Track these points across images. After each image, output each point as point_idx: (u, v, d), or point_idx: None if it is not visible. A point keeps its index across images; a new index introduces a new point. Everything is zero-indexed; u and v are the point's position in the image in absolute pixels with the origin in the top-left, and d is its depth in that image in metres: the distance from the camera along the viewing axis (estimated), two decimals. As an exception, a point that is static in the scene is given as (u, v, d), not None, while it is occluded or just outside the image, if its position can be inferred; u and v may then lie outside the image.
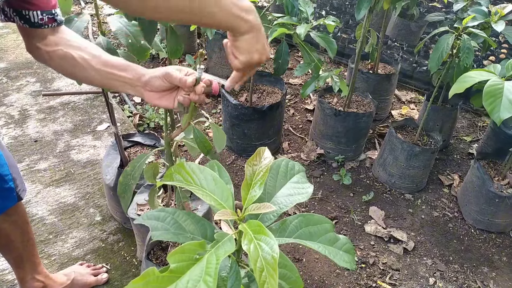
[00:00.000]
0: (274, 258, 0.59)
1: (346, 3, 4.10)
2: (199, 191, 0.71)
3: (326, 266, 1.84)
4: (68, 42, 0.93)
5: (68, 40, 0.93)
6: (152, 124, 2.60)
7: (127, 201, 0.94)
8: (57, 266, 1.71)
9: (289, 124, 2.74)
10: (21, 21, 0.88)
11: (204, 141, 0.90)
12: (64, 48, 0.92)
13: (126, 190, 0.92)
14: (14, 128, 2.43)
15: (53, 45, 0.92)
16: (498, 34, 3.47)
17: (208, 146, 0.91)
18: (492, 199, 1.97)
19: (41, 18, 0.89)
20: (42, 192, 2.03)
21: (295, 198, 0.78)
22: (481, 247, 2.02)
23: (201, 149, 0.91)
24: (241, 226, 0.67)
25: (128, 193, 0.92)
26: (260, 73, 2.51)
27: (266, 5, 3.38)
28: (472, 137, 2.76)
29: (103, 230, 1.88)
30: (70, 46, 0.92)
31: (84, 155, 2.29)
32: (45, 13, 0.89)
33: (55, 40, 0.92)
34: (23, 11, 0.87)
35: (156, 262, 1.34)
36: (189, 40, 3.33)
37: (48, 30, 0.91)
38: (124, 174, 0.92)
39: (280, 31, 1.76)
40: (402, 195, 2.27)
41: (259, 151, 0.76)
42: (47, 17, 0.89)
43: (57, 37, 0.93)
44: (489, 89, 1.37)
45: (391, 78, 2.68)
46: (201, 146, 0.91)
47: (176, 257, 0.60)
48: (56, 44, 0.92)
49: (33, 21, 0.89)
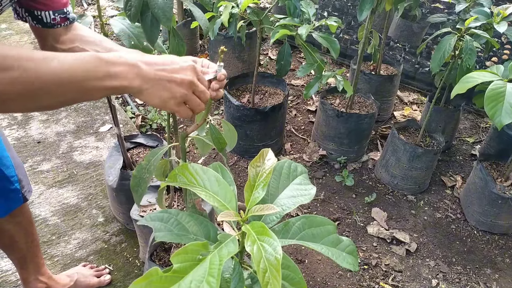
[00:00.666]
0: (277, 259, 0.59)
1: (348, 4, 4.10)
2: (202, 192, 0.71)
3: (328, 268, 1.84)
4: (84, 38, 0.93)
5: (84, 36, 0.93)
6: (154, 125, 2.60)
7: (141, 195, 0.94)
8: (60, 267, 1.71)
9: (291, 125, 2.74)
10: (34, 21, 0.88)
11: (219, 137, 0.91)
12: (80, 44, 0.91)
13: (140, 184, 0.92)
14: (17, 129, 2.44)
15: (69, 43, 0.91)
16: (501, 35, 3.47)
17: (223, 143, 0.91)
18: (495, 200, 1.97)
19: (54, 18, 0.89)
20: (45, 193, 2.04)
21: (298, 199, 0.78)
22: (484, 248, 2.01)
23: (216, 146, 0.91)
24: (244, 227, 0.67)
25: (142, 187, 0.92)
26: (262, 74, 2.51)
27: (268, 6, 3.38)
28: (475, 138, 2.76)
29: (106, 231, 1.88)
30: (86, 42, 0.92)
31: (87, 156, 2.30)
32: (57, 13, 0.89)
33: (70, 37, 0.92)
34: (35, 11, 0.87)
35: (159, 263, 1.34)
36: (191, 41, 3.33)
37: (61, 29, 0.91)
38: (139, 168, 0.92)
39: (282, 32, 1.76)
40: (405, 196, 2.26)
41: (262, 153, 0.76)
42: (59, 16, 0.89)
43: (72, 35, 0.92)
44: (491, 93, 1.36)
45: (394, 79, 2.68)
46: (216, 142, 0.91)
47: (179, 258, 0.60)
48: (72, 42, 0.91)
49: (46, 22, 0.88)
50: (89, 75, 0.62)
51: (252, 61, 3.07)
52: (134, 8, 1.06)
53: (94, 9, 4.07)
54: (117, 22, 1.25)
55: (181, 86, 0.71)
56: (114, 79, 0.64)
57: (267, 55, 3.53)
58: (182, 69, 0.71)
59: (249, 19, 1.99)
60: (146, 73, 0.67)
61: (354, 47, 3.39)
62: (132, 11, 1.07)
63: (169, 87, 0.69)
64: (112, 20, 1.26)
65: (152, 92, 0.68)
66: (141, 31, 1.21)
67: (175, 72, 0.70)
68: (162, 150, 0.92)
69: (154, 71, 0.68)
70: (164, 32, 3.28)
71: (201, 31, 3.43)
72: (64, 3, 0.90)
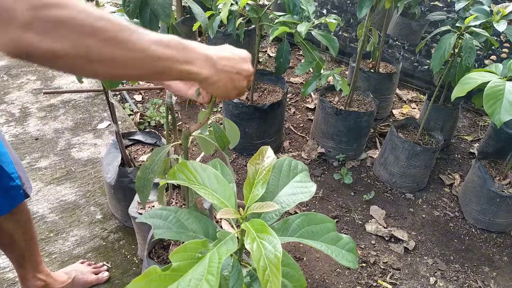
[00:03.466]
0: (277, 257, 0.59)
1: (347, 2, 4.09)
2: (201, 189, 0.71)
3: (326, 265, 1.84)
4: None
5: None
6: (153, 122, 2.59)
7: (146, 195, 0.94)
8: (57, 264, 1.71)
9: (290, 123, 2.73)
10: None
11: (222, 136, 0.91)
12: None
13: (145, 185, 0.92)
14: (15, 126, 2.43)
15: None
16: (500, 33, 3.47)
17: (226, 141, 0.92)
18: (493, 198, 1.97)
19: None
20: (43, 190, 2.03)
21: (297, 197, 0.78)
22: (482, 246, 2.01)
23: (219, 144, 0.91)
24: (243, 225, 0.66)
25: (147, 187, 0.92)
26: (261, 71, 2.50)
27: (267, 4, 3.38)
28: (473, 136, 2.76)
29: (104, 228, 1.88)
30: None
31: (85, 153, 2.29)
32: None
33: None
34: None
35: (157, 261, 1.34)
36: (190, 39, 3.27)
37: None
38: (143, 168, 0.92)
39: (281, 29, 1.75)
40: (403, 194, 2.27)
41: (261, 150, 0.76)
42: None
43: None
44: (490, 91, 1.36)
45: (393, 77, 2.68)
46: (219, 141, 0.91)
47: (178, 256, 0.59)
48: None
49: None
50: (173, 58, 0.64)
51: (251, 59, 3.06)
52: (133, 4, 1.06)
53: (91, 5, 4.05)
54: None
55: (245, 77, 0.76)
56: (192, 64, 0.67)
57: (266, 53, 3.52)
58: (243, 60, 0.76)
59: (248, 17, 1.99)
60: (218, 66, 0.71)
61: (353, 45, 3.39)
62: (131, 7, 1.06)
63: (235, 78, 0.74)
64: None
65: (219, 83, 0.73)
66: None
67: (239, 64, 0.75)
68: (165, 150, 0.91)
69: (223, 64, 0.72)
70: (162, 30, 3.27)
71: (200, 29, 3.41)
72: None
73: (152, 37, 0.61)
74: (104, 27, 0.55)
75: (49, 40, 0.50)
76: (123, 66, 0.59)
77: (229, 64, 0.73)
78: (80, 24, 0.52)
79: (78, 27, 0.52)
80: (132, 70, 0.61)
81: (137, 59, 0.59)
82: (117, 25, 0.57)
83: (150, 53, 0.60)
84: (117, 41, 0.56)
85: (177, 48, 0.65)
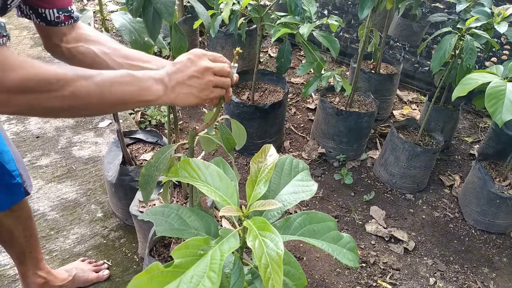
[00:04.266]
0: (279, 254, 0.59)
1: (348, 2, 4.10)
2: (204, 187, 0.71)
3: (326, 265, 1.85)
4: (89, 38, 0.93)
5: (88, 35, 0.93)
6: (153, 121, 2.60)
7: (149, 193, 0.94)
8: (58, 262, 1.71)
9: (291, 123, 2.74)
10: (38, 19, 0.88)
11: (229, 137, 0.91)
12: (85, 43, 0.91)
13: (149, 182, 0.92)
14: (16, 124, 2.43)
15: (74, 41, 0.91)
16: (500, 35, 3.47)
17: (233, 142, 0.92)
18: (493, 200, 1.98)
19: (57, 16, 0.88)
20: (44, 188, 2.04)
21: (299, 195, 0.78)
22: (482, 247, 2.02)
23: (225, 146, 0.92)
24: (245, 223, 0.67)
25: (151, 184, 0.92)
26: (262, 71, 2.51)
27: (269, 4, 3.38)
28: (474, 138, 2.77)
29: (105, 226, 1.88)
30: (90, 42, 0.92)
31: (86, 152, 2.29)
32: (61, 11, 0.88)
33: (75, 37, 0.92)
34: (39, 9, 0.87)
35: (158, 259, 1.34)
36: (191, 38, 3.32)
37: (65, 28, 0.91)
38: (148, 165, 0.92)
39: (283, 31, 1.76)
40: (403, 195, 2.27)
41: (264, 149, 0.76)
42: (63, 15, 0.89)
43: (76, 34, 0.92)
44: (491, 90, 1.37)
45: (393, 78, 2.68)
46: (226, 142, 0.92)
47: (180, 253, 0.60)
48: (76, 41, 0.91)
49: (50, 19, 0.88)
50: (131, 94, 0.73)
51: (252, 59, 3.07)
52: (136, 3, 1.06)
53: (93, 4, 4.05)
54: (118, 16, 1.25)
55: (201, 75, 0.75)
56: (147, 95, 0.73)
57: (267, 53, 3.53)
58: (191, 62, 0.75)
59: (250, 16, 1.99)
60: (171, 82, 0.74)
61: (354, 46, 3.39)
62: (134, 6, 1.06)
63: (193, 83, 0.75)
64: (113, 15, 1.26)
65: (183, 96, 0.75)
66: (143, 26, 1.20)
67: (190, 68, 0.75)
68: (171, 148, 0.92)
69: (175, 78, 0.74)
70: (164, 29, 3.27)
71: (201, 28, 3.42)
72: (68, 2, 0.90)
73: (105, 80, 0.71)
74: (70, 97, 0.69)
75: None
76: (89, 113, 0.77)
77: (180, 74, 0.75)
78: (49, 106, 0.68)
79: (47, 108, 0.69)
80: (95, 113, 0.75)
81: (98, 105, 0.71)
82: (84, 87, 0.68)
83: (107, 100, 0.71)
84: (84, 102, 0.70)
85: (132, 83, 0.72)
